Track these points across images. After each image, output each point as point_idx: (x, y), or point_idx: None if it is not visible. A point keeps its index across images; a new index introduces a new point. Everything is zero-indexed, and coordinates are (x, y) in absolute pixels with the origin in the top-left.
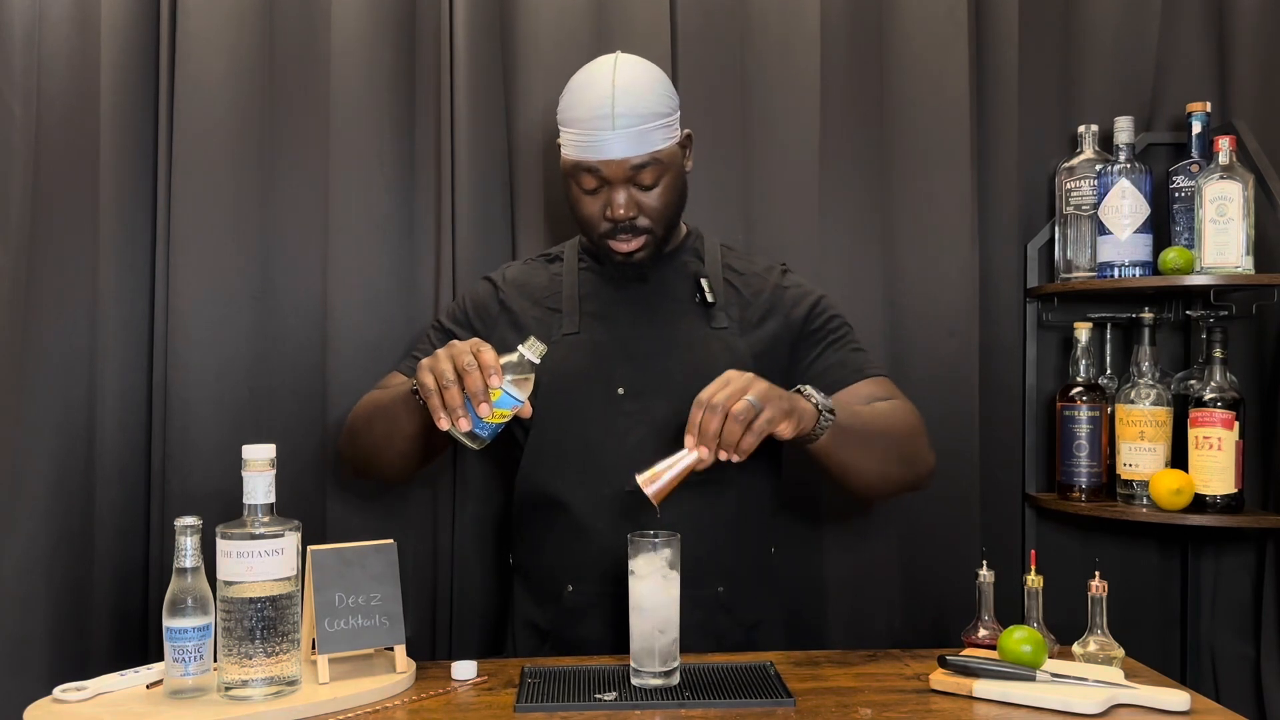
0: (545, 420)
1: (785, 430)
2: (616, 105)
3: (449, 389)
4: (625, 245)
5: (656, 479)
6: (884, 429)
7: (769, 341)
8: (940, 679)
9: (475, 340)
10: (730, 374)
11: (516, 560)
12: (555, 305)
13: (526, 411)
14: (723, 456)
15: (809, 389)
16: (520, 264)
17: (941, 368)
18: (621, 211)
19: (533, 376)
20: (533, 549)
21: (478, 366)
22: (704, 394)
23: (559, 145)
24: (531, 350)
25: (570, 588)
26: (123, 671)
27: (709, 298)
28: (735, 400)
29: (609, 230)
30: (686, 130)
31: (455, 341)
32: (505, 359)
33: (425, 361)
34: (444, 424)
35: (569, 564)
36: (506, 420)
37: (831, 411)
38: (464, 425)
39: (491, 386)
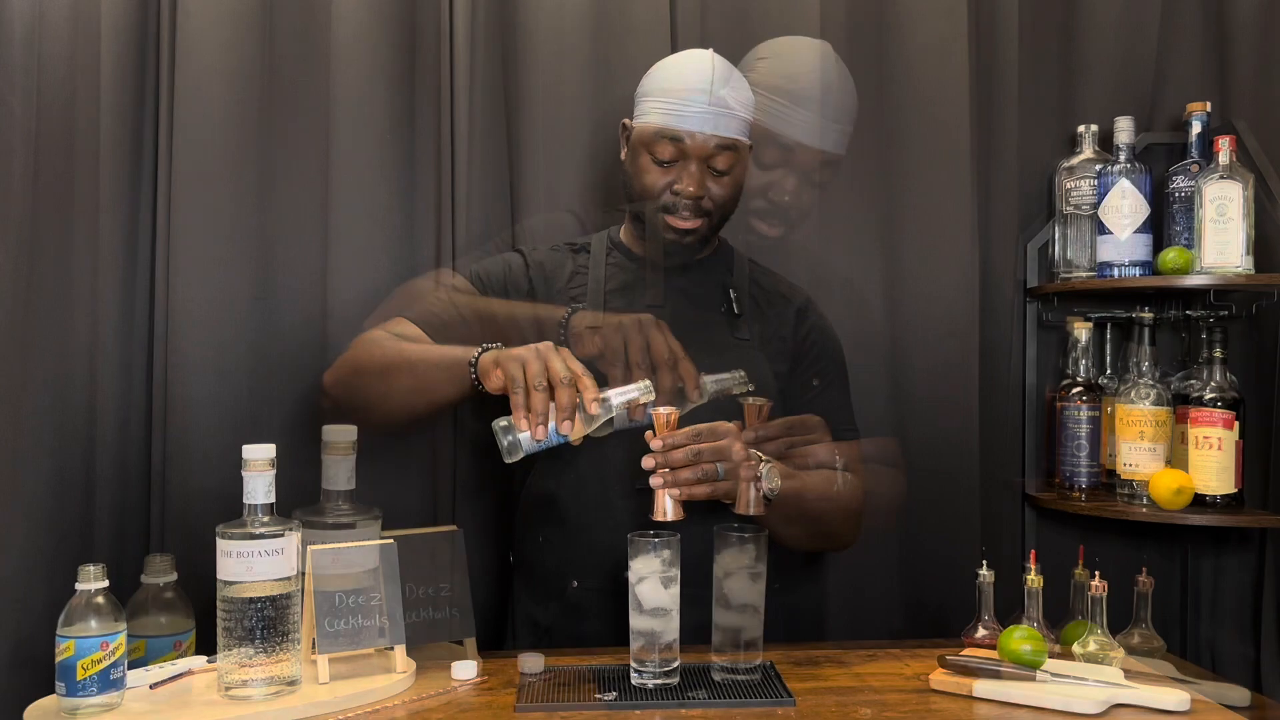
0: None
1: (723, 499)
2: (716, 83)
3: (537, 393)
4: (685, 223)
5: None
6: (819, 514)
7: (784, 363)
8: (940, 679)
9: (566, 352)
10: (725, 428)
11: (518, 558)
12: (577, 295)
13: (576, 440)
14: (655, 483)
15: (769, 479)
16: (546, 249)
17: (941, 367)
18: (693, 189)
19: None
20: (538, 545)
21: (574, 384)
22: (690, 432)
23: (624, 126)
24: (606, 413)
25: (575, 583)
26: None
27: (735, 309)
28: (711, 459)
29: (671, 205)
30: (749, 141)
31: (545, 349)
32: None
33: (519, 353)
34: (524, 426)
35: (574, 560)
36: (553, 445)
37: (768, 500)
38: (540, 434)
39: (591, 411)
